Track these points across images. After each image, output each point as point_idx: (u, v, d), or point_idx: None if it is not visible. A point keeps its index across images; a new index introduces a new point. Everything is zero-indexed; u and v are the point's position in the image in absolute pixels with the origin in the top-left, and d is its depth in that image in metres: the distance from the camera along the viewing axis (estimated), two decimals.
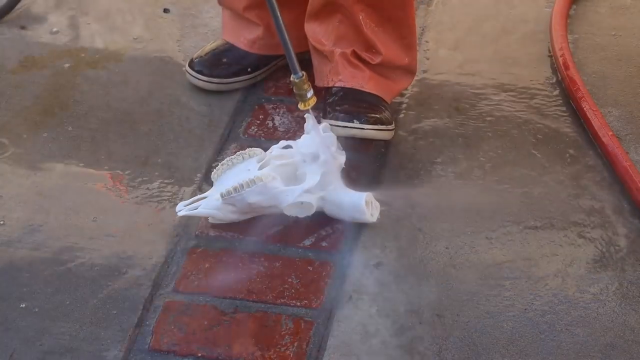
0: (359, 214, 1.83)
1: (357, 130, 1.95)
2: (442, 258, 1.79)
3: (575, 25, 2.32)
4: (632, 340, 1.65)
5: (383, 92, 2.02)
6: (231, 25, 2.16)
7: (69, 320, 1.69)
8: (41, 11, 2.39)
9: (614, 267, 1.78)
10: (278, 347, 1.65)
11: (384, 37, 1.99)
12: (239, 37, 2.15)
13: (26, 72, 2.23)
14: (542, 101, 2.13)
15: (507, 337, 1.66)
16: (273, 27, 2.02)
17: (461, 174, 1.96)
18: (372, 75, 2.01)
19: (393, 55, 2.01)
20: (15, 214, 1.88)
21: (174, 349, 1.65)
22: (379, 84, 2.02)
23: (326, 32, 2.02)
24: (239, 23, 2.14)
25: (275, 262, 1.79)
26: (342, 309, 1.71)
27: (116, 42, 2.30)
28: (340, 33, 2.00)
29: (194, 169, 1.98)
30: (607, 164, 1.96)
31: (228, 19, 2.17)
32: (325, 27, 2.02)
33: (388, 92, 2.04)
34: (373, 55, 2.00)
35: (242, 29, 2.14)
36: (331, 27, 2.01)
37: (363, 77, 2.00)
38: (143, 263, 1.79)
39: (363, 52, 2.00)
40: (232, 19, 2.16)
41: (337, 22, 2.00)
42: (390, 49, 2.00)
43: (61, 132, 2.06)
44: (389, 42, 2.00)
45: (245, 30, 2.14)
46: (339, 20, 2.00)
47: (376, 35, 1.99)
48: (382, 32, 1.99)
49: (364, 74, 2.00)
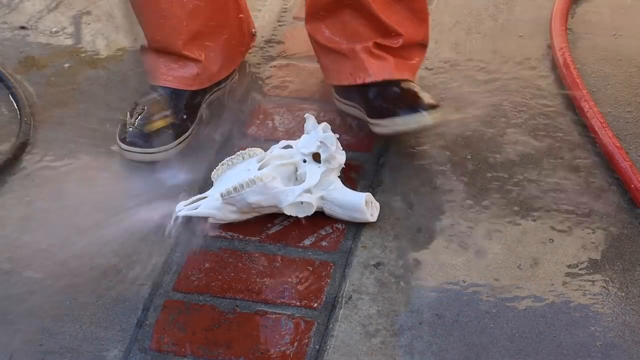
0: (359, 213, 1.83)
1: (425, 118, 1.93)
2: (441, 258, 1.80)
3: (575, 25, 2.32)
4: (632, 340, 1.65)
5: (409, 74, 2.01)
6: (162, 68, 2.04)
7: (69, 320, 1.69)
8: (41, 11, 2.39)
9: (614, 267, 1.78)
10: (278, 347, 1.65)
11: (398, 17, 1.97)
12: (173, 78, 2.03)
13: (26, 72, 2.23)
14: (542, 101, 2.13)
15: (507, 337, 1.66)
16: (211, 58, 2.01)
17: (461, 174, 1.96)
18: (396, 62, 1.99)
19: (411, 33, 1.99)
20: (15, 214, 1.88)
21: (174, 349, 1.65)
22: (404, 67, 2.00)
23: (338, 30, 2.00)
24: (174, 62, 2.03)
25: (275, 262, 1.79)
26: (342, 309, 1.71)
27: (116, 42, 2.30)
28: (354, 27, 1.97)
29: (194, 168, 1.98)
30: (607, 164, 1.96)
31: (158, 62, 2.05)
32: (336, 24, 2.00)
33: (412, 72, 2.02)
34: (394, 39, 1.98)
35: (178, 68, 2.03)
36: (342, 23, 1.99)
37: (390, 66, 1.98)
38: (143, 263, 1.79)
39: (384, 39, 1.98)
40: (165, 61, 2.04)
41: (348, 17, 1.98)
42: (407, 27, 1.98)
43: (61, 132, 2.06)
44: (404, 20, 1.98)
45: (181, 68, 2.03)
46: (349, 15, 1.97)
47: (391, 17, 1.96)
48: (395, 13, 1.96)
49: (390, 63, 1.98)
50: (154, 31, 2.01)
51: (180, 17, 1.97)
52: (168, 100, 2.01)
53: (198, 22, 1.99)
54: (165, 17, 1.97)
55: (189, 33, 1.99)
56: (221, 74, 2.09)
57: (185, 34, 1.99)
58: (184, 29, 1.99)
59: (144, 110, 2.00)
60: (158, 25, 2.00)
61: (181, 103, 2.02)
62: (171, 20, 1.98)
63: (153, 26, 2.01)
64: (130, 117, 2.00)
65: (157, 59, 2.04)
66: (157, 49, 2.03)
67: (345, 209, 1.84)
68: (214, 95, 2.11)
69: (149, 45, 2.04)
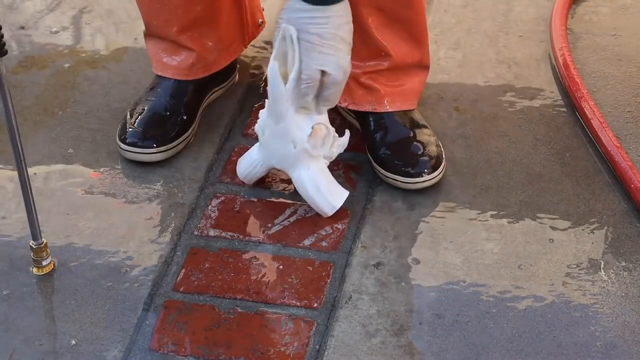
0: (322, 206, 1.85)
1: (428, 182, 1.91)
2: (441, 258, 1.80)
3: (575, 25, 2.32)
4: (632, 340, 1.65)
5: (403, 103, 1.97)
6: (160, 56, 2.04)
7: (69, 320, 1.69)
8: (41, 11, 2.39)
9: (614, 267, 1.78)
10: (278, 347, 1.65)
11: (394, 38, 1.93)
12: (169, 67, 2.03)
13: (26, 72, 2.23)
14: (542, 101, 2.13)
15: (507, 337, 1.66)
16: (207, 47, 1.99)
17: (461, 174, 1.96)
18: (386, 92, 1.95)
19: (404, 54, 1.95)
20: (15, 214, 1.88)
21: (174, 349, 1.65)
22: (396, 96, 1.96)
23: None
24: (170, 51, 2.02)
25: (275, 262, 1.79)
26: (342, 309, 1.71)
27: (116, 42, 2.30)
28: None
29: (194, 168, 1.98)
30: (607, 164, 1.96)
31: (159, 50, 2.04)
32: None
33: (405, 99, 1.98)
34: (382, 60, 1.93)
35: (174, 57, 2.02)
36: None
37: (377, 97, 1.94)
38: (143, 263, 1.79)
39: (372, 59, 1.93)
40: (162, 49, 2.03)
41: None
42: (400, 48, 1.94)
43: (61, 132, 2.06)
44: (399, 41, 1.93)
45: (177, 57, 2.02)
46: None
47: (385, 37, 1.92)
48: (391, 33, 1.92)
49: (378, 94, 1.94)
50: (150, 17, 2.01)
51: (177, 3, 1.96)
52: (168, 101, 2.01)
53: (195, 9, 1.97)
54: (162, 2, 1.97)
55: (185, 20, 1.97)
56: (219, 64, 2.07)
57: (180, 20, 1.97)
58: (180, 16, 1.97)
59: (144, 110, 2.00)
60: (154, 10, 1.99)
61: (181, 103, 2.02)
62: (167, 6, 1.97)
63: (149, 11, 2.00)
64: (130, 117, 2.00)
65: (156, 46, 2.04)
66: (154, 35, 2.03)
67: (317, 194, 1.84)
68: (213, 95, 2.11)
69: (147, 31, 2.04)
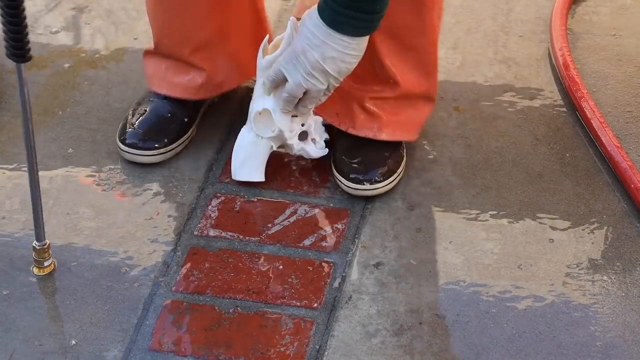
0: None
1: (369, 192, 1.89)
2: (442, 258, 1.80)
3: (575, 25, 2.32)
4: (632, 340, 1.65)
5: (403, 134, 1.95)
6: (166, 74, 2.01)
7: (69, 320, 1.69)
8: (41, 11, 2.39)
9: (614, 267, 1.78)
10: (278, 347, 1.65)
11: (403, 66, 1.88)
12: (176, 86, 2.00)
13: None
14: (542, 101, 2.13)
15: (507, 337, 1.66)
16: (218, 67, 1.96)
17: (461, 174, 1.96)
18: (388, 120, 1.92)
19: (412, 83, 1.90)
20: (15, 214, 1.88)
21: (174, 349, 1.65)
22: (396, 127, 1.93)
23: None
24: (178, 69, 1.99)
25: (275, 262, 1.79)
26: (342, 309, 1.71)
27: (116, 42, 2.30)
28: (355, 68, 1.77)
29: (194, 168, 1.98)
30: (607, 164, 1.96)
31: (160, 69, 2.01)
32: None
33: (408, 130, 1.96)
34: (390, 87, 1.89)
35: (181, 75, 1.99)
36: None
37: (378, 125, 1.91)
38: (143, 263, 1.79)
39: (379, 84, 1.89)
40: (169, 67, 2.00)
41: None
42: (408, 77, 1.89)
43: (61, 132, 2.06)
44: (408, 70, 1.89)
45: (186, 76, 1.99)
46: None
47: (396, 65, 1.87)
48: (402, 61, 1.87)
49: (379, 122, 1.91)
50: (162, 35, 1.98)
51: (192, 25, 1.93)
52: (171, 103, 2.01)
53: (209, 30, 1.94)
54: (176, 22, 1.93)
55: (198, 40, 1.94)
56: (231, 84, 2.04)
57: (194, 42, 1.95)
58: (194, 38, 1.94)
59: (145, 112, 2.00)
60: (168, 29, 1.96)
61: (183, 106, 2.01)
62: (182, 26, 1.94)
63: (163, 30, 1.97)
64: (131, 117, 2.00)
65: (159, 65, 2.01)
66: (162, 54, 2.00)
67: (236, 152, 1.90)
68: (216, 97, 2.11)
69: (156, 49, 2.01)
